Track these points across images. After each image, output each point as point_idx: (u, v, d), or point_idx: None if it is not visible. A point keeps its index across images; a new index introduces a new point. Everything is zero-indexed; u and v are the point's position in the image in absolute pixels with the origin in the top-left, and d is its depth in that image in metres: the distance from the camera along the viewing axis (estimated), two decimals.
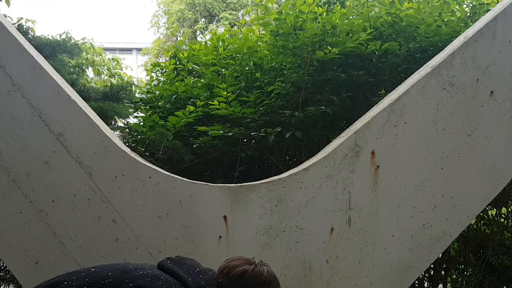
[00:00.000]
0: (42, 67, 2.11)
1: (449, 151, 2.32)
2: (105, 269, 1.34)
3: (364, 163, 2.27)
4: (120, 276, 1.30)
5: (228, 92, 2.85)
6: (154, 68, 4.11)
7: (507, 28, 2.37)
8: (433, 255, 2.34)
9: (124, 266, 1.37)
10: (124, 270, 1.34)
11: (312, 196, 2.23)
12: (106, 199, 2.12)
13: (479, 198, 2.35)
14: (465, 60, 2.34)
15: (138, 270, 1.34)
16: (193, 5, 15.99)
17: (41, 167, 2.08)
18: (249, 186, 2.22)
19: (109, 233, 2.12)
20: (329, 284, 2.23)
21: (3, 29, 2.09)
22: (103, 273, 1.32)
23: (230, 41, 3.49)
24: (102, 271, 1.34)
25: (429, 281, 3.63)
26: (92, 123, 2.14)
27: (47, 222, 2.08)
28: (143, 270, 1.34)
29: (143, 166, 2.16)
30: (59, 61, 3.90)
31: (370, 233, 2.26)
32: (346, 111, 2.94)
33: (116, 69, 5.01)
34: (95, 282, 1.29)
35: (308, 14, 2.81)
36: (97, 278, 1.30)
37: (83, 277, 1.31)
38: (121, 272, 1.33)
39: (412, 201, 2.29)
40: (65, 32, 4.43)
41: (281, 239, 2.21)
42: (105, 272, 1.32)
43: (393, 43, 2.86)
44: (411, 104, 2.30)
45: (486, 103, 2.35)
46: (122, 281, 1.28)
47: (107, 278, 1.29)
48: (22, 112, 2.08)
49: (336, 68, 3.00)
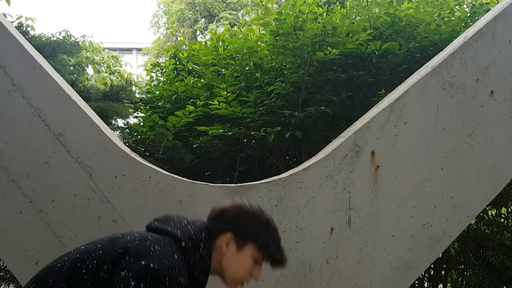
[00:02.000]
0: (42, 67, 2.11)
1: (449, 151, 2.32)
2: (94, 244, 1.37)
3: (364, 163, 2.27)
4: (109, 246, 1.32)
5: (228, 92, 2.85)
6: (154, 68, 4.11)
7: (507, 28, 2.38)
8: (433, 255, 2.34)
9: (112, 237, 1.40)
10: (113, 239, 1.36)
11: (312, 196, 2.23)
12: (106, 199, 2.12)
13: (479, 198, 2.35)
14: (465, 60, 2.34)
15: (126, 236, 1.36)
16: (193, 5, 15.99)
17: (41, 167, 2.08)
18: (249, 186, 2.22)
19: (109, 233, 2.10)
20: (329, 284, 2.23)
21: (3, 29, 2.09)
22: (92, 247, 1.34)
23: (230, 41, 3.49)
24: (91, 245, 1.36)
25: (429, 281, 3.64)
26: (92, 123, 2.14)
27: (47, 222, 2.08)
28: (131, 235, 1.37)
29: (143, 166, 2.16)
30: (59, 61, 3.90)
31: (370, 233, 2.26)
32: (346, 111, 2.94)
33: (115, 67, 5.02)
34: (86, 257, 1.31)
35: (308, 14, 2.81)
36: (88, 253, 1.32)
37: (74, 255, 1.34)
38: (109, 242, 1.35)
39: (412, 201, 2.29)
40: (65, 30, 4.43)
41: (281, 239, 2.21)
42: (95, 245, 1.35)
43: (393, 43, 2.86)
44: (411, 104, 2.30)
45: (486, 103, 2.35)
46: (112, 249, 1.30)
47: (97, 251, 1.31)
48: (22, 112, 2.08)
49: (336, 68, 3.00)
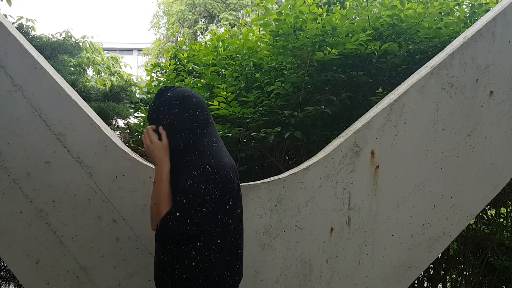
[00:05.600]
0: (43, 68, 2.12)
1: (448, 151, 2.32)
2: None
3: (363, 163, 2.27)
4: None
5: (228, 92, 2.85)
6: (154, 69, 4.12)
7: (506, 29, 2.38)
8: (433, 254, 2.34)
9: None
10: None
11: (312, 196, 2.24)
12: (106, 199, 2.13)
13: (478, 198, 2.36)
14: (465, 60, 2.34)
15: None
16: (193, 6, 16.01)
17: (42, 167, 2.09)
18: (249, 186, 2.22)
19: (109, 233, 2.13)
20: (329, 283, 2.24)
21: (4, 30, 2.10)
22: None
23: (230, 42, 3.49)
24: None
25: (428, 281, 3.64)
26: (92, 123, 2.14)
27: (48, 222, 2.09)
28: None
29: (143, 166, 2.17)
30: (59, 61, 3.91)
31: (370, 233, 2.27)
32: (345, 111, 2.95)
33: (115, 68, 5.03)
34: None
35: (308, 14, 2.82)
36: None
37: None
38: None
39: (412, 201, 2.30)
40: (65, 31, 4.44)
41: (281, 239, 2.22)
42: None
43: (392, 44, 2.87)
44: (411, 104, 2.30)
45: (486, 103, 2.36)
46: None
47: None
48: (23, 112, 2.08)
49: (336, 68, 3.00)
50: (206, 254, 1.65)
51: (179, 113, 1.73)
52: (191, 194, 1.60)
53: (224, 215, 1.68)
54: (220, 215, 1.67)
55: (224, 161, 1.69)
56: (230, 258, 1.72)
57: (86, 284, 2.11)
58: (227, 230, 1.70)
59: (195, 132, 1.72)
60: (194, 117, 1.73)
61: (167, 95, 1.77)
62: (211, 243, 1.66)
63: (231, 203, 1.70)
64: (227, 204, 1.68)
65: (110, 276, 2.12)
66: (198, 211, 1.60)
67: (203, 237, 1.64)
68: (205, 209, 1.61)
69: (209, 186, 1.60)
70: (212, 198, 1.62)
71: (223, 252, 1.69)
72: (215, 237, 1.67)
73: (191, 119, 1.73)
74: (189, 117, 1.73)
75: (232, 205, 1.70)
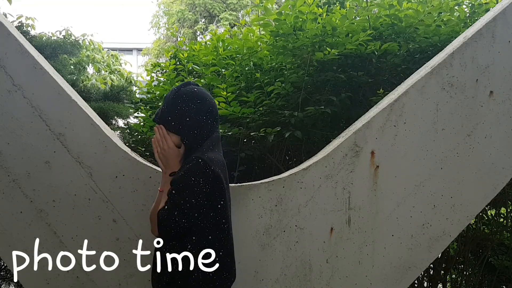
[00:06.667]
0: (43, 67, 2.12)
1: (448, 151, 2.32)
2: None
3: (363, 163, 2.27)
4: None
5: (228, 92, 2.85)
6: (154, 69, 4.12)
7: (506, 29, 2.38)
8: (433, 254, 2.34)
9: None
10: None
11: (312, 196, 2.24)
12: (106, 199, 2.13)
13: (478, 198, 2.36)
14: (465, 60, 2.34)
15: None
16: (193, 6, 16.01)
17: (42, 167, 2.09)
18: (249, 186, 2.22)
19: (109, 233, 2.13)
20: (329, 283, 2.24)
21: (4, 30, 2.10)
22: None
23: (230, 42, 3.49)
24: None
25: (428, 281, 3.64)
26: (92, 123, 2.14)
27: (48, 222, 2.09)
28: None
29: (143, 166, 2.17)
30: (59, 61, 3.91)
31: (370, 233, 2.27)
32: (345, 111, 2.95)
33: (115, 66, 5.04)
34: None
35: (308, 14, 2.82)
36: None
37: None
38: None
39: (412, 201, 2.30)
40: (65, 29, 4.44)
41: (281, 239, 2.22)
42: None
43: (392, 44, 2.86)
44: (411, 104, 2.30)
45: (486, 103, 2.36)
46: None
47: None
48: (23, 112, 2.08)
49: (336, 68, 3.00)
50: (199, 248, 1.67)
51: (196, 114, 1.77)
52: (180, 184, 1.62)
53: (216, 213, 1.70)
54: (212, 213, 1.68)
55: (217, 158, 1.73)
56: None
57: (86, 284, 2.12)
58: (220, 229, 1.71)
59: (204, 136, 1.77)
60: (205, 123, 1.79)
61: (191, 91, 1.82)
62: (203, 239, 1.68)
63: (223, 202, 1.71)
64: (218, 203, 1.70)
65: (110, 276, 2.12)
66: (187, 201, 1.61)
67: (195, 234, 1.66)
68: (194, 200, 1.62)
69: (199, 179, 1.62)
70: (202, 192, 1.63)
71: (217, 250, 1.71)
72: (207, 233, 1.68)
73: (203, 125, 1.78)
74: (202, 121, 1.78)
75: (223, 205, 1.72)
